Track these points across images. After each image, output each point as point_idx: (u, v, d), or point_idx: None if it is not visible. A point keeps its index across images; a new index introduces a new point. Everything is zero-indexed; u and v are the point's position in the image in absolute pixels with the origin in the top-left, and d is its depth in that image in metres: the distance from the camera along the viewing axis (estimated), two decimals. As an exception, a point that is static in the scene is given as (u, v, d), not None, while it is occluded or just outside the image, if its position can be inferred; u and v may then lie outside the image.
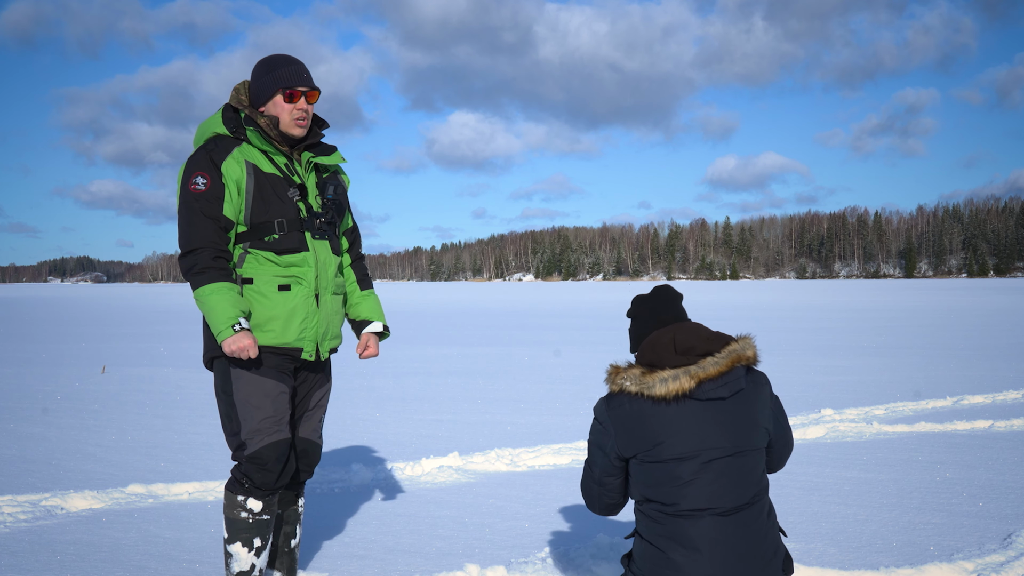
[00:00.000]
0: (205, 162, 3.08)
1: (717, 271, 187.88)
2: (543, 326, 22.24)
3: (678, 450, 2.57)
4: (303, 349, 3.17)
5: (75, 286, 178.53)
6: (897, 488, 4.99)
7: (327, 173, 3.33)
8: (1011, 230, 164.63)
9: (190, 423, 7.37)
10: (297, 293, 3.13)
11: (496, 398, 8.90)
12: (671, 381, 2.59)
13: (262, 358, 3.12)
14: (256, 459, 3.10)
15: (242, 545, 3.15)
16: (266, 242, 3.11)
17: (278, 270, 3.12)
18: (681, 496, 2.56)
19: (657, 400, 2.60)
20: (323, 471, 5.44)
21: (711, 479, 2.56)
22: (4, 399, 8.85)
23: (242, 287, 3.12)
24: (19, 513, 4.49)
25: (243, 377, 3.11)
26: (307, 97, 3.17)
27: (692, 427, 2.58)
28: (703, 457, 2.57)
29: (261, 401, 3.10)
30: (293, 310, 3.12)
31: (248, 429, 3.11)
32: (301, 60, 3.23)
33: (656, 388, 2.59)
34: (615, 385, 2.67)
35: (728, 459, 2.59)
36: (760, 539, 2.60)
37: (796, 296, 50.45)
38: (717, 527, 2.55)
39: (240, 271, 3.13)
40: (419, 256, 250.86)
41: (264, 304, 3.10)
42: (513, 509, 4.64)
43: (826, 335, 17.86)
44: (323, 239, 3.22)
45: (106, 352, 14.57)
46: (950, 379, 10.07)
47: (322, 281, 3.20)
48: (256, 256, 3.12)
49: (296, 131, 3.18)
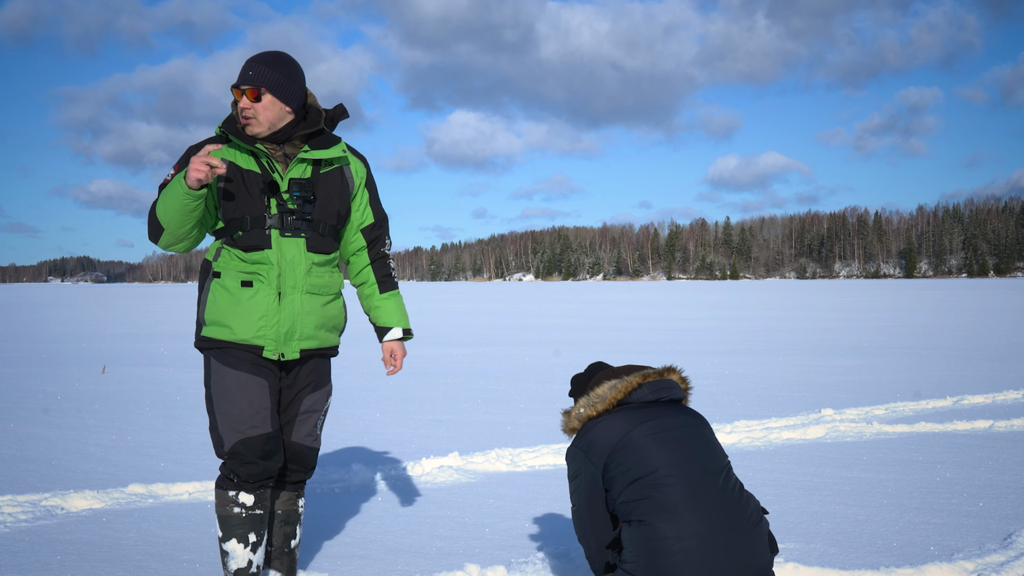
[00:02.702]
0: (183, 156, 3.13)
1: (717, 271, 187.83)
2: (544, 326, 22.23)
3: (642, 432, 2.93)
4: (264, 347, 3.12)
5: (75, 286, 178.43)
6: (897, 488, 4.99)
7: (329, 167, 3.23)
8: (1011, 230, 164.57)
9: (190, 423, 7.37)
10: (258, 290, 3.10)
11: (496, 398, 8.90)
12: (610, 390, 3.09)
13: (236, 352, 3.11)
14: (236, 455, 3.09)
15: (237, 541, 3.14)
16: (234, 239, 3.12)
17: (243, 266, 3.11)
18: (653, 464, 2.86)
19: (611, 409, 3.07)
20: (323, 471, 5.44)
21: (673, 445, 2.90)
22: (4, 399, 8.85)
23: (211, 281, 3.14)
24: (19, 513, 4.49)
25: (219, 370, 3.11)
26: (249, 95, 3.05)
27: (647, 414, 2.99)
28: (661, 428, 2.95)
29: (235, 395, 3.09)
30: (252, 307, 3.09)
31: (224, 425, 3.10)
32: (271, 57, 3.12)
33: (607, 397, 3.08)
34: (574, 421, 3.13)
35: (682, 430, 2.96)
36: (736, 501, 2.85)
37: (796, 296, 50.44)
38: (693, 490, 2.80)
39: (215, 265, 3.15)
40: (419, 256, 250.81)
41: (226, 299, 3.11)
42: (513, 509, 4.64)
43: (826, 335, 17.85)
44: (296, 237, 3.13)
45: (106, 352, 14.57)
46: (950, 379, 10.06)
47: (287, 279, 3.12)
48: (228, 252, 3.14)
49: (248, 131, 3.10)
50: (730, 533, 2.76)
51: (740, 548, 2.76)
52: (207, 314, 3.14)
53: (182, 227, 3.02)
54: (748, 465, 5.54)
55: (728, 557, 2.73)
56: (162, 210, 3.00)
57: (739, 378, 10.45)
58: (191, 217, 2.99)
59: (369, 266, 3.42)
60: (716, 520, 2.76)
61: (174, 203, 2.95)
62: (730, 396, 8.85)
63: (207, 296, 3.16)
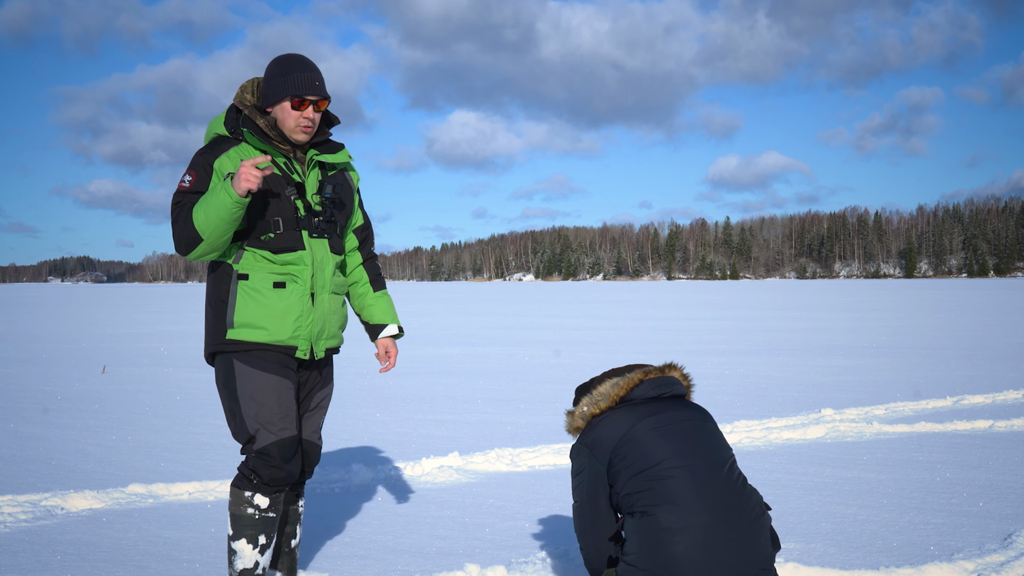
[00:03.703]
0: (197, 161, 3.10)
1: (717, 271, 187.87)
2: (544, 326, 22.25)
3: (646, 426, 2.96)
4: (297, 347, 3.16)
5: (76, 286, 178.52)
6: (897, 488, 4.99)
7: (333, 171, 3.31)
8: (1011, 230, 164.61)
9: (190, 423, 7.38)
10: (292, 291, 3.13)
11: (496, 398, 8.90)
12: (612, 387, 3.13)
13: (263, 354, 3.12)
14: (264, 454, 3.10)
15: (247, 542, 3.15)
16: (263, 240, 3.11)
17: (274, 267, 3.12)
18: (657, 456, 2.87)
19: (614, 406, 3.11)
20: (323, 471, 5.44)
21: (677, 438, 2.92)
22: (4, 399, 8.85)
23: (238, 283, 3.12)
24: (19, 513, 4.49)
25: (246, 372, 3.11)
26: (316, 106, 3.14)
27: (650, 409, 3.03)
28: (665, 423, 2.97)
29: (266, 397, 3.10)
30: (287, 308, 3.12)
31: (253, 424, 3.10)
32: (315, 65, 3.20)
33: (609, 394, 3.12)
34: (578, 420, 3.16)
35: (686, 423, 2.98)
36: (739, 494, 2.85)
37: (796, 296, 50.46)
38: (696, 481, 2.82)
39: (237, 267, 3.13)
40: (419, 256, 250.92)
41: (259, 301, 3.10)
42: (513, 509, 4.65)
43: (826, 335, 17.86)
44: (321, 238, 3.20)
45: (106, 352, 14.58)
46: (950, 379, 10.07)
47: (318, 280, 3.19)
48: (253, 254, 3.12)
49: (300, 137, 3.17)
50: (732, 525, 2.77)
51: (742, 540, 2.76)
52: (237, 317, 3.11)
53: (223, 236, 3.01)
54: (748, 465, 5.53)
55: (730, 549, 2.73)
56: (204, 220, 2.96)
57: (739, 378, 10.45)
58: (234, 225, 3.00)
59: (362, 265, 3.49)
60: (719, 512, 2.77)
61: (220, 213, 2.93)
62: (730, 396, 8.85)
63: (234, 299, 3.13)
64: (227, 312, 3.13)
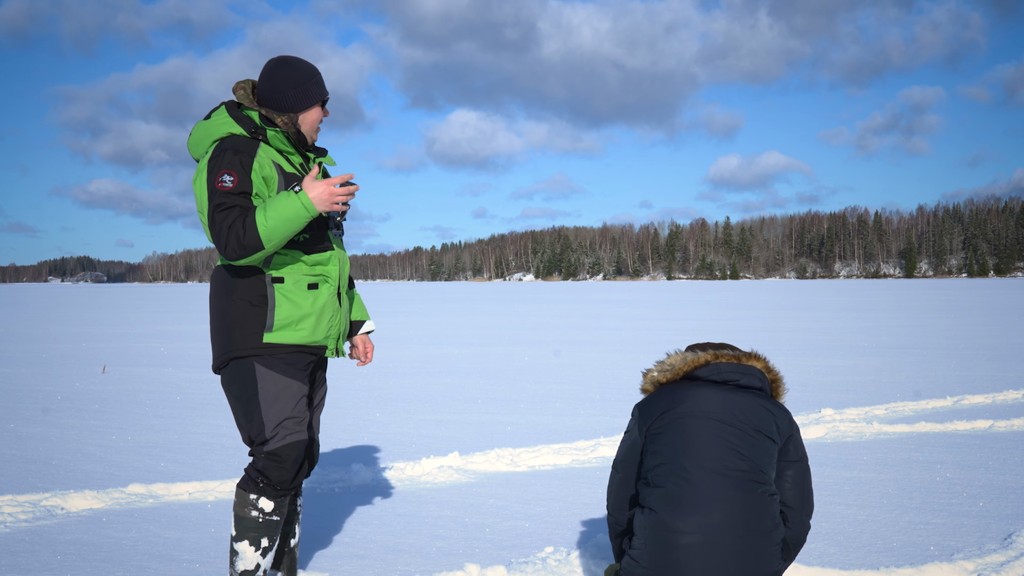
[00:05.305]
0: (230, 159, 3.01)
1: (717, 271, 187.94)
2: (544, 326, 22.24)
3: (679, 413, 2.93)
4: (327, 347, 3.24)
5: (75, 286, 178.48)
6: (897, 488, 4.99)
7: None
8: (1011, 230, 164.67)
9: (190, 423, 7.38)
10: (324, 291, 3.18)
11: (496, 398, 8.90)
12: (680, 361, 3.09)
13: (289, 357, 3.13)
14: (276, 456, 3.10)
15: (249, 544, 3.16)
16: (296, 241, 3.13)
17: (306, 269, 3.16)
18: (679, 453, 2.85)
19: (676, 380, 3.08)
20: (323, 471, 5.44)
21: (709, 437, 2.86)
22: (4, 399, 8.86)
23: (272, 286, 3.11)
24: (19, 513, 4.49)
25: (269, 376, 3.11)
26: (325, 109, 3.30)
27: (694, 394, 2.98)
28: (702, 416, 2.90)
29: (287, 401, 3.12)
30: (323, 308, 3.17)
31: (273, 426, 3.11)
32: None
33: (676, 367, 3.09)
34: (647, 384, 3.16)
35: (721, 424, 2.88)
36: (753, 504, 2.80)
37: (796, 296, 50.46)
38: (711, 486, 2.79)
39: (268, 270, 3.11)
40: (419, 256, 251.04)
41: (295, 303, 3.12)
42: (513, 509, 4.65)
43: (826, 335, 17.86)
44: (339, 238, 3.30)
45: (106, 352, 14.58)
46: (950, 379, 10.07)
47: (343, 280, 3.29)
48: (285, 255, 3.13)
49: (315, 138, 3.28)
50: (740, 537, 2.74)
51: (748, 553, 2.74)
52: (277, 319, 3.09)
53: (282, 244, 3.03)
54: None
55: (733, 558, 2.72)
56: (271, 230, 2.94)
57: (739, 378, 10.43)
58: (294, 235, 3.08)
59: None
60: (728, 522, 2.74)
61: (291, 226, 2.96)
62: (730, 396, 8.84)
63: (273, 302, 3.10)
64: (266, 315, 3.10)
